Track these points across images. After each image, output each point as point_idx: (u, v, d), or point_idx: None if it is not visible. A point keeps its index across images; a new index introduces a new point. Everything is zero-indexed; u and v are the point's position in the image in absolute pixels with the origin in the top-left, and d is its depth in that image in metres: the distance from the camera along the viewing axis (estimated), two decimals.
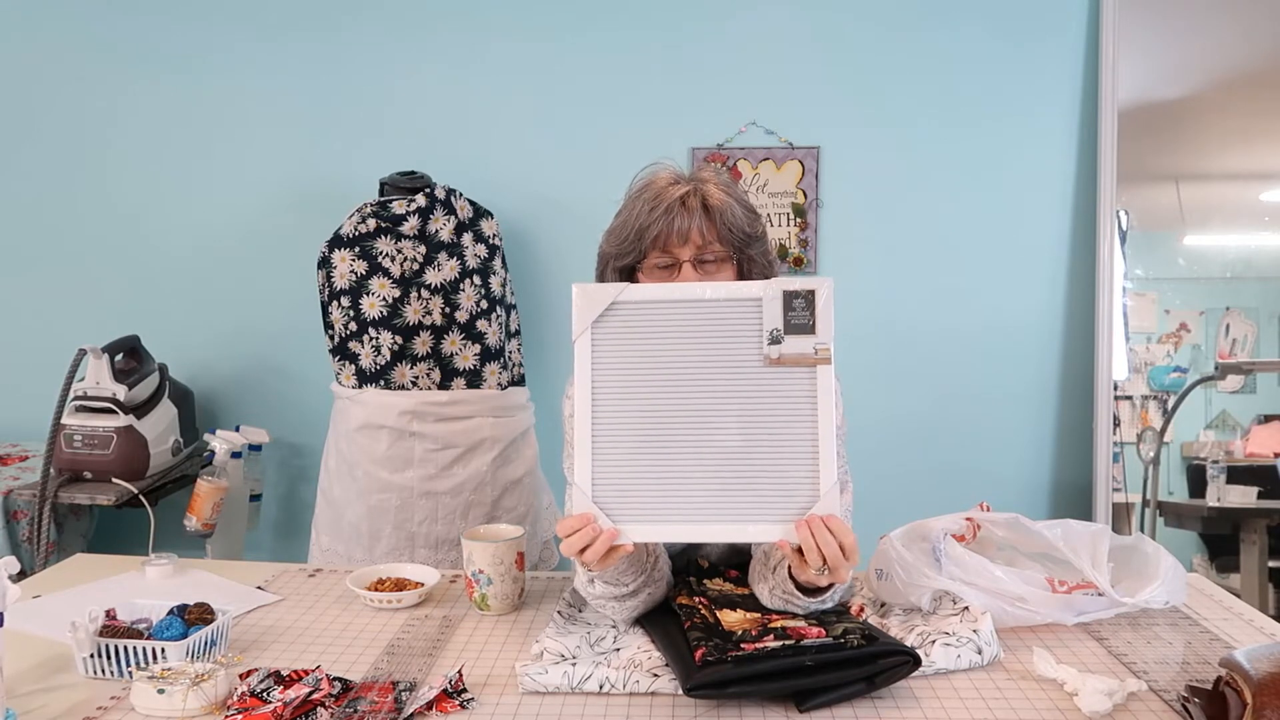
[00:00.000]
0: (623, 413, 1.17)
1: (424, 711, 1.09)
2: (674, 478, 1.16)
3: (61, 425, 2.22)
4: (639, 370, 1.17)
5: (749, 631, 1.14)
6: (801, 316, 1.15)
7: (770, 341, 1.15)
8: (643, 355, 1.17)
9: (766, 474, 1.14)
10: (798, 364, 1.14)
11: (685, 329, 1.17)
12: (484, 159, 2.52)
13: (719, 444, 1.15)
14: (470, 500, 2.14)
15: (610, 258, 1.36)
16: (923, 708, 1.10)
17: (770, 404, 1.15)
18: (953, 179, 2.50)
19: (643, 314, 1.18)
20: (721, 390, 1.16)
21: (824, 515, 1.11)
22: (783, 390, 1.15)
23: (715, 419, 1.15)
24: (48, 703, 1.12)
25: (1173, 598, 1.35)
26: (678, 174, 1.37)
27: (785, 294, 1.15)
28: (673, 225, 1.29)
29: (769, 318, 1.15)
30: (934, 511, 1.40)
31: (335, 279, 2.13)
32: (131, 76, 2.61)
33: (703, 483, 1.15)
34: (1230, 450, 2.52)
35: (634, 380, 1.17)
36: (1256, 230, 2.52)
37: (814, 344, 1.14)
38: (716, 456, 1.15)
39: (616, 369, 1.18)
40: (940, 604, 1.30)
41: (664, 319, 1.18)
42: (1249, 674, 0.97)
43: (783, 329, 1.15)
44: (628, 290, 1.18)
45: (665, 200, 1.31)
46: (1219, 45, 2.47)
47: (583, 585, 1.31)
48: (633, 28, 2.51)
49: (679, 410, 1.16)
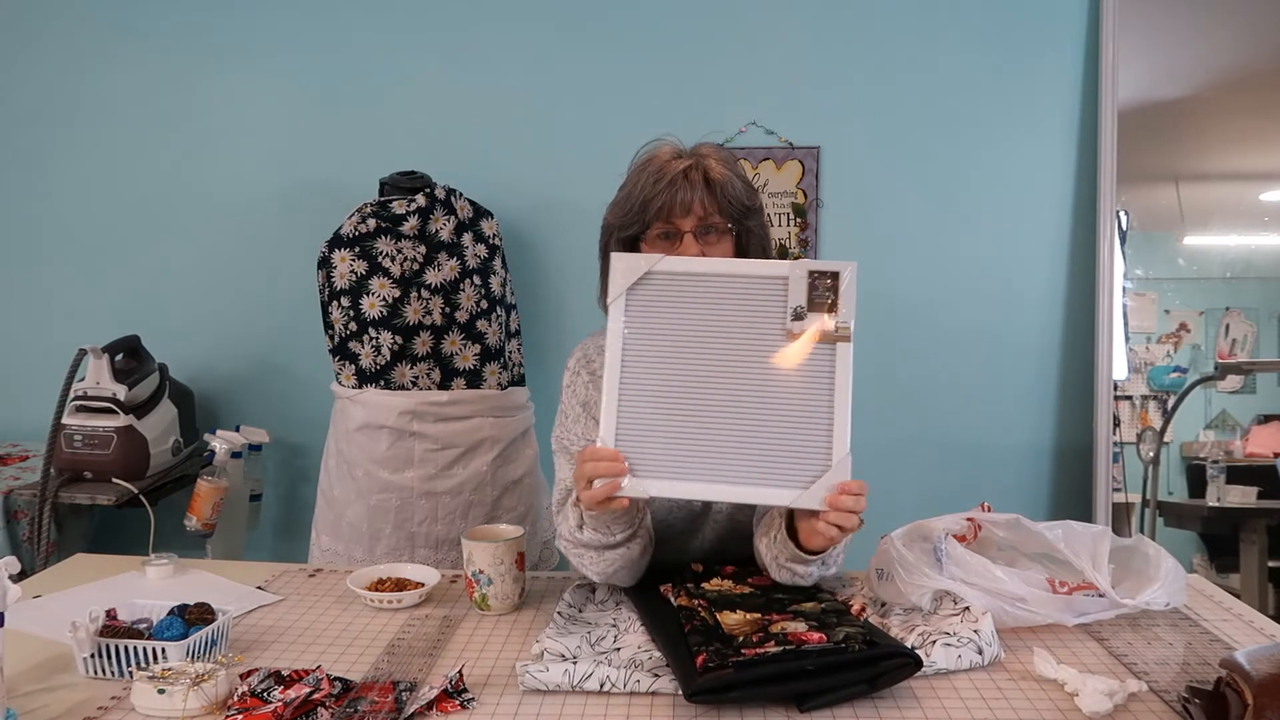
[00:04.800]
0: (649, 374, 1.23)
1: (424, 711, 1.08)
2: (693, 439, 1.21)
3: (62, 425, 2.22)
4: (667, 336, 1.24)
5: (749, 635, 1.14)
6: (824, 296, 1.20)
7: (794, 317, 1.21)
8: (672, 322, 1.24)
9: (782, 441, 1.19)
10: (820, 340, 1.20)
11: (714, 301, 1.23)
12: (484, 159, 2.52)
13: (738, 410, 1.20)
14: (470, 500, 2.14)
15: (614, 228, 1.39)
16: (923, 708, 1.10)
17: (789, 377, 1.20)
18: (953, 179, 2.50)
19: (675, 284, 1.24)
20: (744, 360, 1.21)
21: (842, 482, 1.16)
22: (803, 364, 1.20)
23: (736, 386, 1.21)
24: (48, 703, 1.12)
25: (1173, 599, 1.34)
26: (679, 148, 1.40)
27: (810, 274, 1.21)
28: (675, 197, 1.33)
29: (794, 295, 1.21)
30: (934, 511, 1.40)
31: (335, 279, 2.13)
32: (131, 76, 2.61)
33: (720, 445, 1.20)
34: (1230, 450, 2.52)
35: (662, 345, 1.24)
36: (1256, 230, 2.52)
37: (835, 322, 1.20)
38: (735, 422, 1.20)
39: (646, 333, 1.24)
40: (941, 604, 1.30)
41: (695, 290, 1.24)
42: (1249, 674, 0.97)
43: (806, 306, 1.21)
44: (663, 261, 1.25)
45: (668, 174, 1.34)
46: (1219, 45, 2.47)
47: (569, 530, 1.31)
48: (633, 28, 2.51)
49: (702, 376, 1.22)
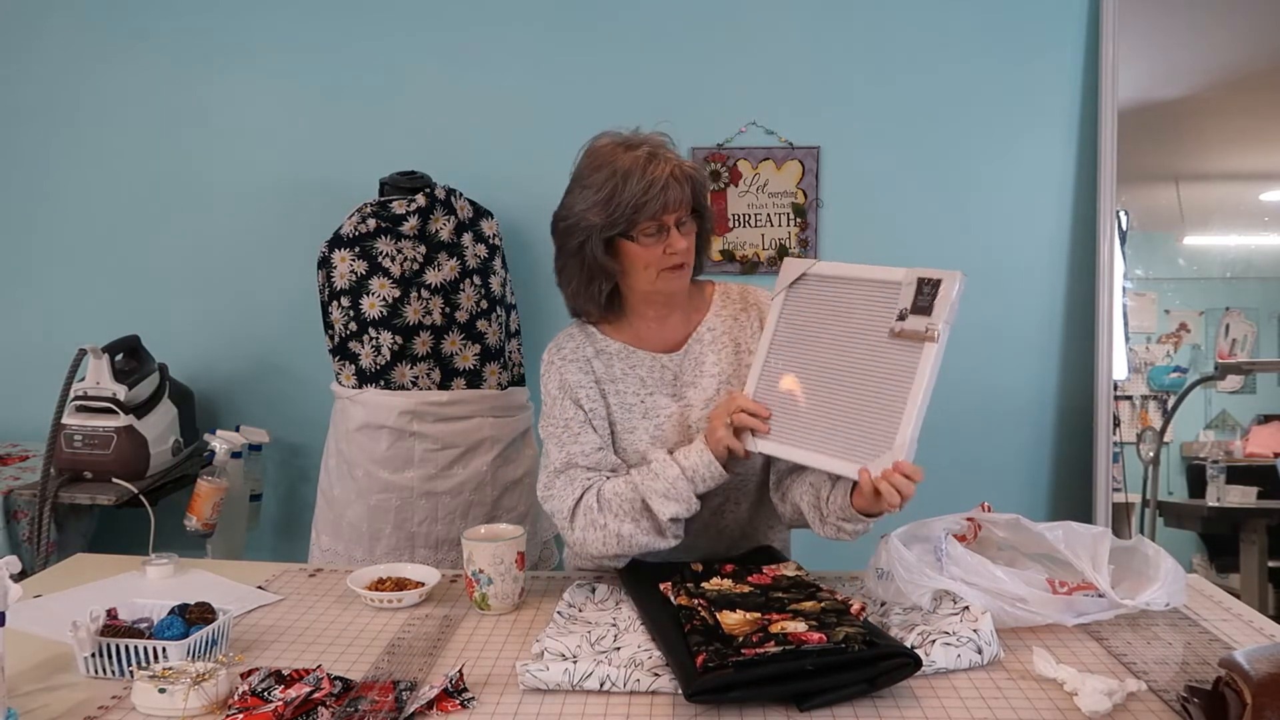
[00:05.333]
0: (785, 357, 1.44)
1: (424, 711, 1.09)
2: (803, 413, 1.39)
3: (62, 425, 2.22)
4: (806, 327, 1.43)
5: (749, 635, 1.14)
6: (925, 299, 1.32)
7: (898, 318, 1.33)
8: (813, 316, 1.43)
9: (861, 424, 1.33)
10: (911, 339, 1.31)
11: (845, 300, 1.40)
12: (484, 159, 2.52)
13: (838, 393, 1.37)
14: (470, 500, 2.14)
15: (596, 229, 1.45)
16: (923, 707, 1.10)
17: (882, 369, 1.33)
18: (952, 179, 2.50)
19: (821, 285, 1.44)
20: (855, 352, 1.37)
21: (898, 462, 1.28)
22: (894, 359, 1.32)
23: (842, 374, 1.37)
24: (49, 702, 1.12)
25: (1173, 599, 1.34)
26: (647, 147, 1.45)
27: (919, 280, 1.32)
28: (668, 198, 1.43)
29: (903, 298, 1.33)
30: (935, 511, 1.40)
31: (335, 279, 2.13)
32: (131, 76, 2.61)
33: (816, 421, 1.38)
34: (1230, 450, 2.52)
35: (800, 333, 1.43)
36: (1256, 230, 2.52)
37: (926, 324, 1.30)
38: (833, 403, 1.37)
39: (793, 323, 1.45)
40: (941, 604, 1.30)
41: (833, 290, 1.42)
42: (1248, 674, 0.97)
43: (910, 309, 1.32)
44: (816, 265, 1.45)
45: (657, 177, 1.42)
46: (1219, 45, 2.47)
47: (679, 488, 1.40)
48: (633, 28, 2.51)
49: (823, 363, 1.40)
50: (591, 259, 1.47)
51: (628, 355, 1.54)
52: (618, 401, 1.51)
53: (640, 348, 1.54)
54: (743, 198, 2.52)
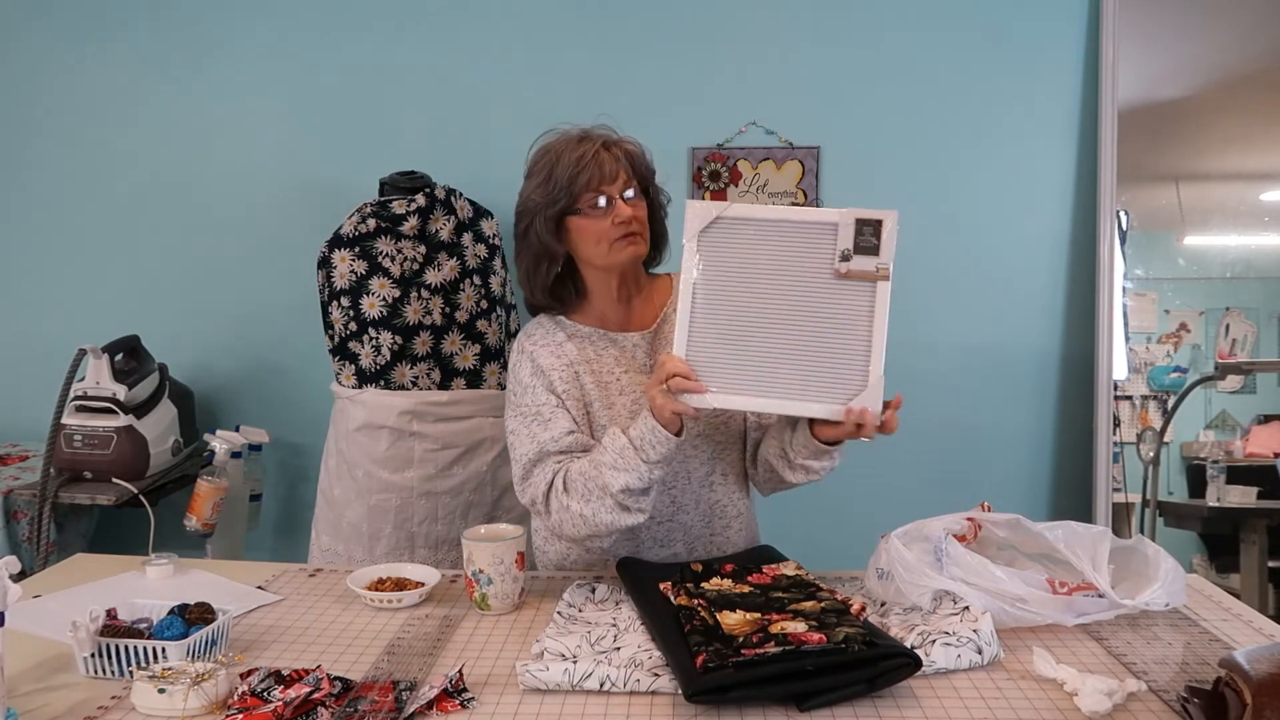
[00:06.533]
0: (714, 306, 1.39)
1: (424, 711, 1.09)
2: (750, 361, 1.37)
3: (61, 425, 2.22)
4: (732, 273, 1.39)
5: (749, 636, 1.14)
6: (869, 240, 1.35)
7: (841, 259, 1.35)
8: (736, 261, 1.39)
9: (826, 365, 1.36)
10: (861, 278, 1.35)
11: (772, 243, 1.38)
12: (484, 159, 2.51)
13: (790, 338, 1.37)
14: (470, 500, 2.14)
15: (540, 208, 1.48)
16: (923, 707, 1.10)
17: (836, 309, 1.36)
18: (953, 179, 2.50)
19: (740, 228, 1.39)
20: (797, 295, 1.37)
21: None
22: (847, 299, 1.35)
23: (790, 318, 1.37)
24: (48, 702, 1.12)
25: (1173, 600, 1.34)
26: (584, 131, 1.51)
27: (857, 221, 1.35)
28: (603, 167, 1.46)
29: (842, 239, 1.35)
30: (935, 511, 1.40)
31: (335, 279, 2.13)
32: (131, 76, 2.61)
33: (773, 367, 1.37)
34: (1230, 450, 2.52)
35: (727, 281, 1.39)
36: (1256, 230, 2.52)
37: (876, 264, 1.34)
38: (787, 347, 1.37)
39: (714, 271, 1.39)
40: (940, 604, 1.30)
41: (756, 233, 1.39)
42: (1248, 674, 0.97)
43: (852, 249, 1.35)
44: (730, 208, 1.40)
45: (588, 151, 1.46)
46: (1219, 45, 2.47)
47: (626, 457, 1.38)
48: (634, 28, 2.51)
49: (760, 309, 1.38)
50: (536, 240, 1.50)
51: (599, 337, 1.56)
52: (594, 380, 1.52)
53: (609, 330, 1.56)
54: (743, 198, 2.52)
